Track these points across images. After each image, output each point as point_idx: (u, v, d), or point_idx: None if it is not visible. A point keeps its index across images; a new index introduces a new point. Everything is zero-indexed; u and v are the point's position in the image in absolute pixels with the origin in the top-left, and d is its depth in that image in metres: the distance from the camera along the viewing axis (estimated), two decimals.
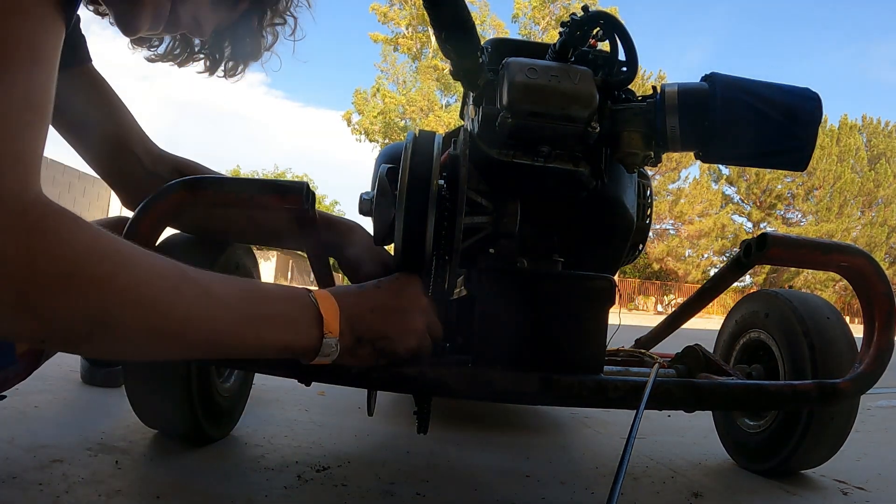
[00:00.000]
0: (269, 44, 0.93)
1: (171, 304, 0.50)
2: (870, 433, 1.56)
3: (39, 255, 0.41)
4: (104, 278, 0.45)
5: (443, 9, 0.68)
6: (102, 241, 0.46)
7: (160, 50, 0.91)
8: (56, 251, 0.42)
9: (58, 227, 0.43)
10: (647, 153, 0.79)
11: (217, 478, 0.86)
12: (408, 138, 0.76)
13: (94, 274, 0.44)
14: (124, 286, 0.46)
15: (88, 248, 0.45)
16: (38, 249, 0.41)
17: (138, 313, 0.48)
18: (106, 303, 0.45)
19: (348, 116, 25.96)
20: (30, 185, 0.43)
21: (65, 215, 0.44)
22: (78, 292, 0.44)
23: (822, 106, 0.77)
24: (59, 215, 0.44)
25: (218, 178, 0.78)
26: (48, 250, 0.42)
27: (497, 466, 1.04)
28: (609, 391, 0.74)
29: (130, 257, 0.48)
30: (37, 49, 0.46)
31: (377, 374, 0.70)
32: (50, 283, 0.42)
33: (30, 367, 0.80)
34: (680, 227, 27.72)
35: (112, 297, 0.46)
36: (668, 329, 1.30)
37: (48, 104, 0.47)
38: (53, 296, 0.42)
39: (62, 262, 0.43)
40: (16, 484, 0.77)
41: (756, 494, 0.98)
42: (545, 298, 0.79)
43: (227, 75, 0.94)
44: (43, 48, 0.47)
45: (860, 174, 28.00)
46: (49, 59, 0.48)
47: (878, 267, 0.80)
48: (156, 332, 0.50)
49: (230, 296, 0.57)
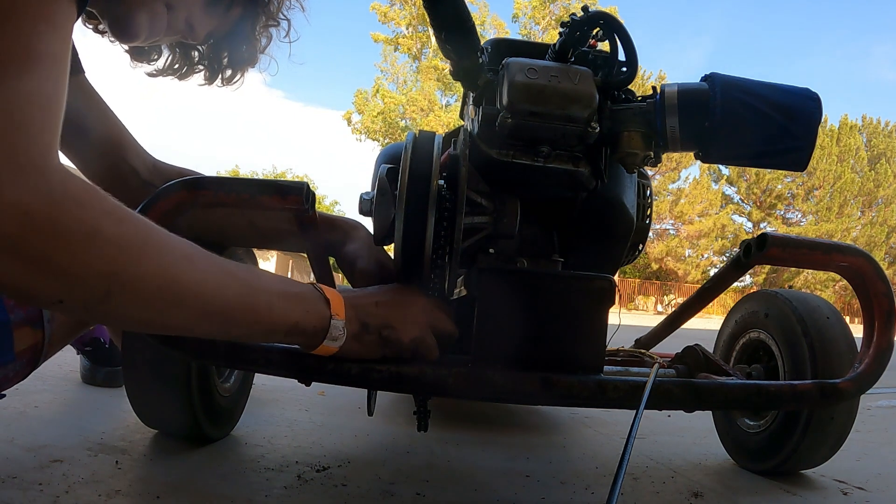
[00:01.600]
0: (263, 47, 0.93)
1: (185, 271, 0.52)
2: (870, 433, 1.56)
3: (63, 215, 0.44)
4: (123, 239, 0.47)
5: (442, 8, 0.68)
6: (121, 208, 0.49)
7: (160, 64, 0.92)
8: (78, 212, 0.44)
9: (79, 192, 0.45)
10: (646, 153, 0.79)
11: (217, 478, 0.86)
12: (408, 138, 0.76)
13: (113, 234, 0.46)
14: (141, 248, 0.49)
15: (108, 211, 0.47)
16: (62, 209, 0.44)
17: (154, 273, 0.49)
18: (124, 262, 0.47)
19: (348, 116, 25.98)
20: (52, 154, 0.46)
21: (86, 183, 0.47)
22: (98, 251, 0.46)
23: (821, 106, 0.77)
24: (80, 181, 0.46)
25: (218, 178, 0.78)
26: (71, 210, 0.44)
27: (497, 466, 1.04)
28: (609, 391, 0.74)
29: (146, 224, 0.50)
30: (57, 26, 0.49)
31: (377, 373, 0.70)
32: (72, 241, 0.44)
33: (28, 366, 0.81)
34: (680, 227, 27.72)
35: (130, 256, 0.48)
36: (668, 329, 1.30)
37: (66, 82, 0.50)
38: (74, 254, 0.44)
39: (84, 223, 0.45)
40: (16, 484, 0.77)
41: (756, 494, 0.98)
42: (545, 298, 0.79)
43: (226, 83, 0.95)
44: (63, 26, 0.49)
45: (860, 174, 28.00)
46: (67, 38, 0.50)
47: (877, 267, 0.80)
48: (170, 295, 0.51)
49: (242, 270, 0.59)
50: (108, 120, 0.91)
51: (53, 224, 0.43)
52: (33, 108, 0.45)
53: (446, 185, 0.75)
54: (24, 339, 0.78)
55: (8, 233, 0.41)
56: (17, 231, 0.42)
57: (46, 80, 0.47)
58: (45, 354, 0.84)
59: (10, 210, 0.41)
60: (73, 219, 0.44)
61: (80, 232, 0.44)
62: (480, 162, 0.80)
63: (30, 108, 0.45)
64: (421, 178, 0.71)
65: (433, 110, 24.72)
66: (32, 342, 0.79)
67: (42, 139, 0.45)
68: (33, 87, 0.45)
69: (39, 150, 0.44)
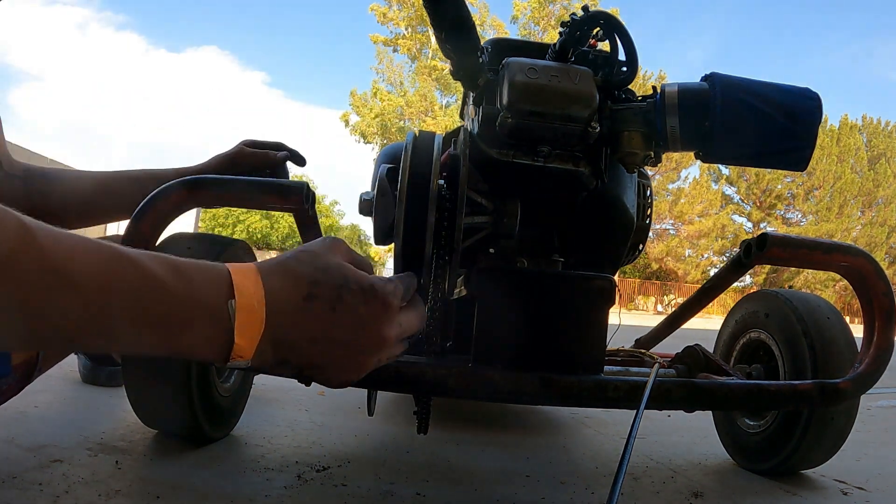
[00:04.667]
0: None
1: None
2: (870, 433, 1.56)
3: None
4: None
5: (443, 8, 0.68)
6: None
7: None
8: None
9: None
10: (647, 153, 0.79)
11: (217, 478, 0.86)
12: (408, 138, 0.76)
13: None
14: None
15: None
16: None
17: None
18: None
19: (346, 118, 25.98)
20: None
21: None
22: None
23: (822, 106, 0.77)
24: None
25: (219, 178, 0.78)
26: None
27: (497, 466, 1.04)
28: (609, 391, 0.74)
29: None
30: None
31: (377, 373, 0.69)
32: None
33: (23, 381, 0.81)
34: (680, 227, 27.72)
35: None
36: (668, 329, 1.30)
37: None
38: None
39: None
40: (16, 484, 0.77)
41: (756, 494, 0.98)
42: (545, 298, 0.79)
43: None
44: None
45: (860, 174, 27.99)
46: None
47: (878, 267, 0.80)
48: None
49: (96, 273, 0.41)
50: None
51: None
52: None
53: (446, 185, 0.75)
54: (21, 353, 0.78)
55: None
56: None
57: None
58: (39, 370, 0.84)
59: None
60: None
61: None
62: (480, 162, 0.80)
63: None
64: (421, 178, 0.71)
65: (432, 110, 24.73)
66: (27, 356, 0.79)
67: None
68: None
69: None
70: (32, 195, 0.95)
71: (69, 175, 1.03)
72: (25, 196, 0.94)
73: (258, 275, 0.47)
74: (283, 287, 0.47)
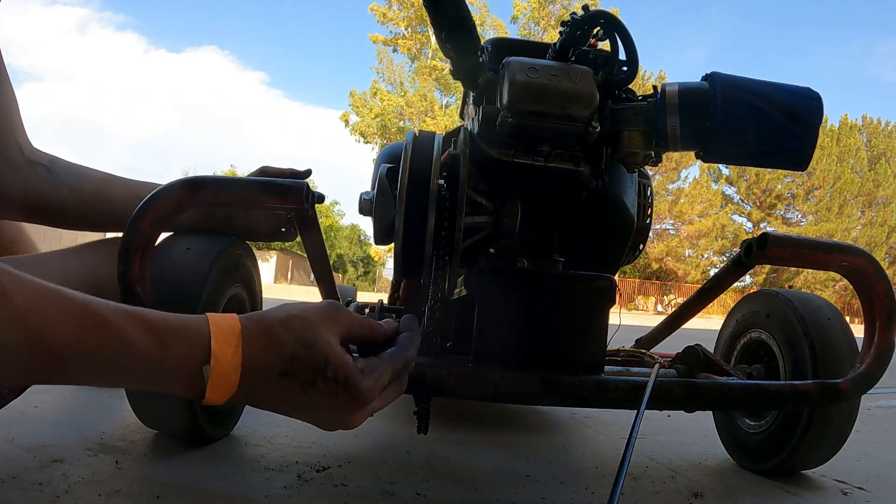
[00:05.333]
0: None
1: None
2: (870, 433, 1.56)
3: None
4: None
5: (443, 8, 0.68)
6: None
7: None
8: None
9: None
10: (647, 153, 0.79)
11: (217, 477, 0.86)
12: (408, 138, 0.76)
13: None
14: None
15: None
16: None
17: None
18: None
19: (346, 118, 25.97)
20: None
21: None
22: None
23: (822, 106, 0.77)
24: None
25: (219, 178, 0.78)
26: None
27: (497, 466, 1.04)
28: (609, 391, 0.74)
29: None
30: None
31: None
32: None
33: (18, 389, 0.80)
34: (680, 227, 27.72)
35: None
36: (669, 329, 1.30)
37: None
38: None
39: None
40: (16, 484, 0.76)
41: (756, 494, 0.98)
42: (545, 298, 0.79)
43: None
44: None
45: (860, 174, 27.99)
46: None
47: (878, 267, 0.80)
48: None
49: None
50: (3, 90, 0.84)
51: None
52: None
53: (446, 184, 0.75)
54: None
55: None
56: None
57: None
58: None
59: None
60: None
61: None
62: (481, 162, 0.80)
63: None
64: (421, 178, 0.71)
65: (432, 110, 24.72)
66: None
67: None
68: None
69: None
70: (61, 190, 0.89)
71: (99, 176, 0.97)
72: (53, 189, 0.88)
73: (239, 341, 0.47)
74: (261, 357, 0.48)
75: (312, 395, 0.48)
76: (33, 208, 0.87)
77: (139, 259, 0.70)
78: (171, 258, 0.87)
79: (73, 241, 1.03)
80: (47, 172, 0.87)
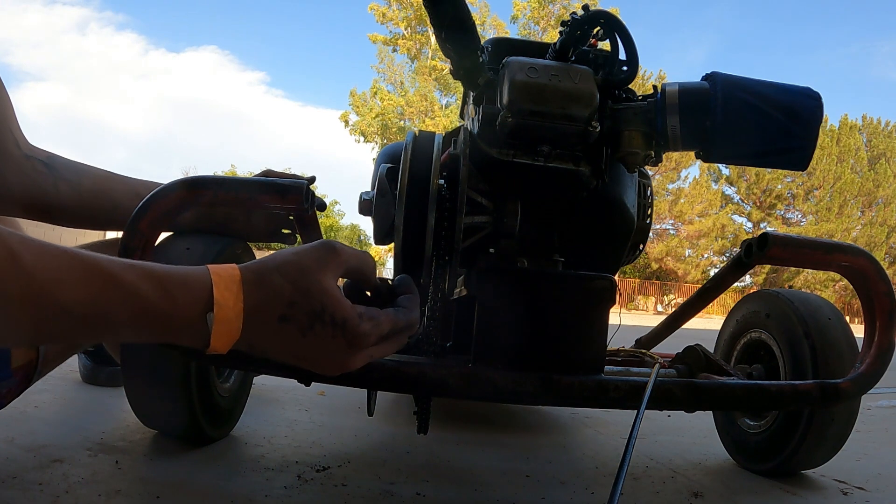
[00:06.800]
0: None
1: None
2: (870, 433, 1.56)
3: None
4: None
5: (443, 7, 0.68)
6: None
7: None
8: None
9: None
10: (647, 153, 0.79)
11: (217, 478, 0.86)
12: (408, 138, 0.76)
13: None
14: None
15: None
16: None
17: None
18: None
19: (346, 118, 25.97)
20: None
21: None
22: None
23: (822, 105, 0.77)
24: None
25: (219, 177, 0.78)
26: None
27: (497, 466, 1.04)
28: (610, 391, 0.74)
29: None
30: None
31: (377, 373, 0.69)
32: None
33: (22, 384, 0.80)
34: (680, 227, 27.73)
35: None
36: (669, 329, 1.30)
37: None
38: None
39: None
40: (16, 484, 0.76)
41: (756, 494, 0.98)
42: (545, 298, 0.79)
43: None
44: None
45: (860, 174, 27.99)
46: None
47: (879, 267, 0.80)
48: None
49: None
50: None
51: None
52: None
53: (446, 184, 0.75)
54: (21, 356, 0.78)
55: None
56: None
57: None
58: (39, 373, 0.83)
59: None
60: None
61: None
62: (481, 161, 0.80)
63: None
64: (421, 177, 0.71)
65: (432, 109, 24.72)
66: (27, 360, 0.79)
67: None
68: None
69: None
70: (60, 186, 0.89)
71: (99, 174, 0.96)
72: (52, 185, 0.87)
73: (240, 288, 0.49)
74: (260, 304, 0.49)
75: (311, 338, 0.50)
76: (32, 204, 0.87)
77: (138, 259, 0.70)
78: (171, 258, 0.87)
79: (73, 241, 1.03)
80: (45, 168, 0.87)
